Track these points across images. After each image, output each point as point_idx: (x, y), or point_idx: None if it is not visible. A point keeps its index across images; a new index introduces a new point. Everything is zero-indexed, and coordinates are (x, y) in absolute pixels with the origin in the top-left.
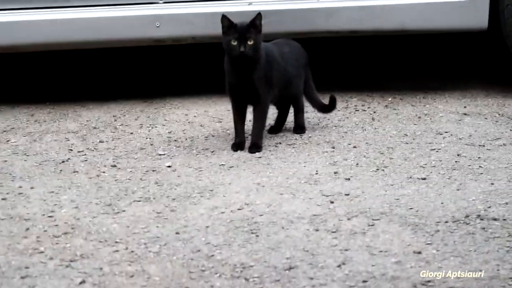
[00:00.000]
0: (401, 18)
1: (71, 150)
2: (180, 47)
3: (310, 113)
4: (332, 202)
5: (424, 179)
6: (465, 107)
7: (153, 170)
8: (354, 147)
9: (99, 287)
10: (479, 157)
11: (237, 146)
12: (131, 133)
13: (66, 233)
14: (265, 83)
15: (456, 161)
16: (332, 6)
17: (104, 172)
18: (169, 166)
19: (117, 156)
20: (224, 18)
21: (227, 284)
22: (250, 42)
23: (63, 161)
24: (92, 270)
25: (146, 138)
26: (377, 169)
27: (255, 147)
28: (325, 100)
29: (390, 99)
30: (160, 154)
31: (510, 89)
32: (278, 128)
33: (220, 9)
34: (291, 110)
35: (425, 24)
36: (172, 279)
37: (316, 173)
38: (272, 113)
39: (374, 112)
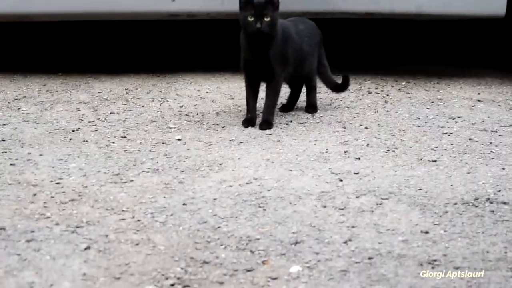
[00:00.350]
0: (418, 1)
1: (82, 120)
2: (196, 23)
3: (323, 94)
4: (341, 180)
5: (435, 161)
6: (479, 93)
7: (163, 143)
8: (366, 128)
9: (104, 253)
10: (490, 142)
11: (248, 122)
12: (143, 106)
13: (73, 200)
14: (280, 60)
15: (467, 145)
16: None
17: (113, 142)
18: (179, 139)
19: (127, 128)
20: None
21: (232, 256)
22: (266, 19)
23: (73, 130)
24: (97, 236)
25: (157, 112)
26: (388, 150)
27: (266, 124)
28: (338, 80)
29: (404, 83)
30: (170, 127)
31: None
32: (290, 106)
33: None
34: (304, 90)
35: (442, 9)
36: (177, 249)
37: (326, 152)
38: (285, 92)
39: (387, 95)
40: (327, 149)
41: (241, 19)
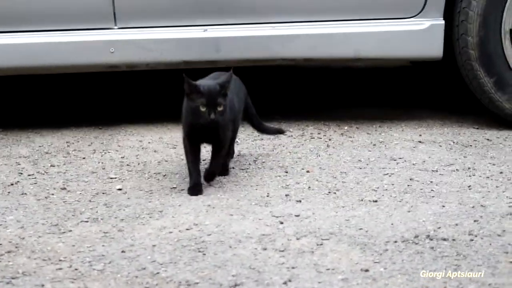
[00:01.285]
0: (355, 45)
1: (21, 173)
2: (136, 74)
3: (266, 140)
4: (281, 223)
5: (376, 201)
6: (420, 135)
7: (103, 193)
8: (307, 171)
9: None
10: (431, 181)
11: (197, 190)
12: (84, 158)
13: (10, 251)
14: (228, 126)
15: (408, 185)
16: (287, 34)
17: (53, 194)
18: (119, 189)
19: (67, 180)
20: (186, 81)
21: None
22: (220, 108)
23: (11, 184)
24: (33, 287)
25: (98, 163)
26: (329, 192)
27: (212, 175)
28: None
29: (346, 127)
30: (111, 178)
31: (466, 118)
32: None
33: (175, 36)
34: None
35: (380, 52)
36: None
37: (268, 196)
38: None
39: (330, 140)
40: (268, 193)
41: (191, 106)
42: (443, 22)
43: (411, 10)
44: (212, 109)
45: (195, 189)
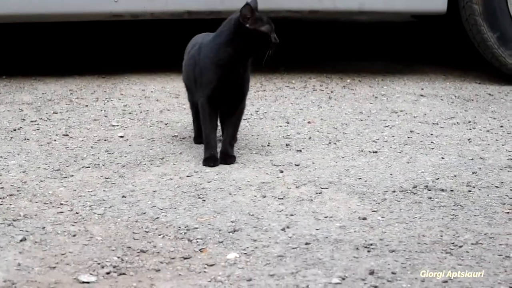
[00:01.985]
0: None
1: (24, 119)
2: (142, 23)
3: (268, 92)
4: (281, 171)
5: (375, 152)
6: (422, 89)
7: (105, 140)
8: (309, 122)
9: (40, 244)
10: (431, 134)
11: (214, 160)
12: (86, 105)
13: (11, 195)
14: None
15: (408, 137)
16: None
17: (55, 140)
18: (121, 136)
19: (69, 126)
20: (249, 9)
21: (169, 245)
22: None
23: (14, 129)
24: (34, 229)
25: (101, 111)
26: (329, 143)
27: (234, 158)
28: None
29: (348, 80)
30: (113, 125)
31: (468, 73)
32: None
33: None
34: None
35: (384, 5)
36: (114, 239)
37: (268, 145)
38: None
39: (332, 92)
40: (269, 143)
41: (258, 34)
42: None
43: None
44: (274, 33)
45: (211, 160)
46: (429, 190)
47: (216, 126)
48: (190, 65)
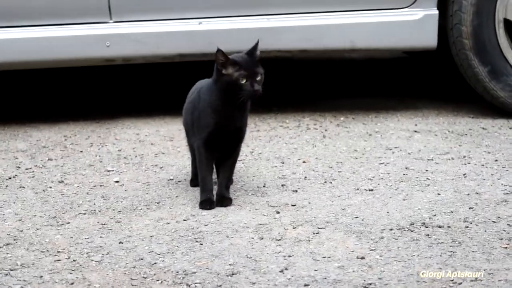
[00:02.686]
0: (351, 36)
1: (19, 167)
2: (134, 67)
3: (262, 132)
4: (278, 212)
5: (371, 190)
6: (416, 125)
7: (101, 185)
8: (304, 162)
9: None
10: (426, 170)
11: (210, 203)
12: (81, 151)
13: (8, 244)
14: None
15: (404, 174)
16: (282, 25)
17: (50, 187)
18: (117, 181)
19: (65, 173)
20: (221, 53)
21: None
22: (259, 78)
23: (9, 178)
24: (31, 278)
25: (96, 156)
26: (325, 182)
27: (230, 200)
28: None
29: (342, 118)
30: (108, 170)
31: (461, 108)
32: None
33: (170, 29)
34: None
35: (375, 43)
36: (113, 286)
37: (264, 186)
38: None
39: (326, 130)
40: (264, 184)
41: (228, 82)
42: (437, 12)
43: (405, 0)
44: (254, 80)
45: (207, 203)
46: (427, 227)
47: (212, 169)
48: (189, 109)
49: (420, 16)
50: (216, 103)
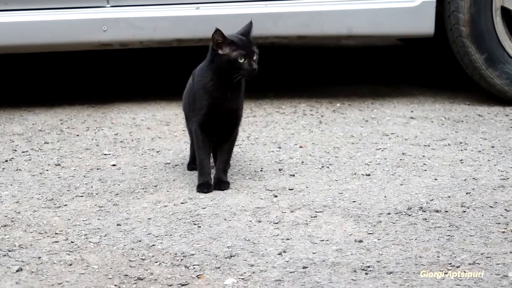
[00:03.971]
0: (348, 23)
1: (15, 150)
2: (132, 51)
3: (259, 117)
4: (275, 196)
5: (369, 175)
6: (412, 111)
7: (97, 169)
8: (300, 147)
9: (37, 274)
10: (423, 156)
11: (207, 186)
12: (77, 135)
13: (6, 225)
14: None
15: (400, 159)
16: (280, 11)
17: (47, 170)
18: (113, 165)
19: (61, 156)
20: (219, 33)
21: (166, 272)
22: (255, 57)
23: (6, 160)
24: (30, 259)
25: (92, 140)
26: (322, 167)
27: (228, 184)
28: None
29: (338, 104)
30: (105, 154)
31: (457, 95)
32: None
33: (167, 14)
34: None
35: (372, 29)
36: (111, 267)
37: (261, 170)
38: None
39: (322, 116)
40: (261, 168)
41: (226, 60)
42: None
43: None
44: (251, 59)
45: (205, 186)
46: (424, 212)
47: (210, 153)
48: (187, 93)
49: (418, 3)
50: (210, 84)
